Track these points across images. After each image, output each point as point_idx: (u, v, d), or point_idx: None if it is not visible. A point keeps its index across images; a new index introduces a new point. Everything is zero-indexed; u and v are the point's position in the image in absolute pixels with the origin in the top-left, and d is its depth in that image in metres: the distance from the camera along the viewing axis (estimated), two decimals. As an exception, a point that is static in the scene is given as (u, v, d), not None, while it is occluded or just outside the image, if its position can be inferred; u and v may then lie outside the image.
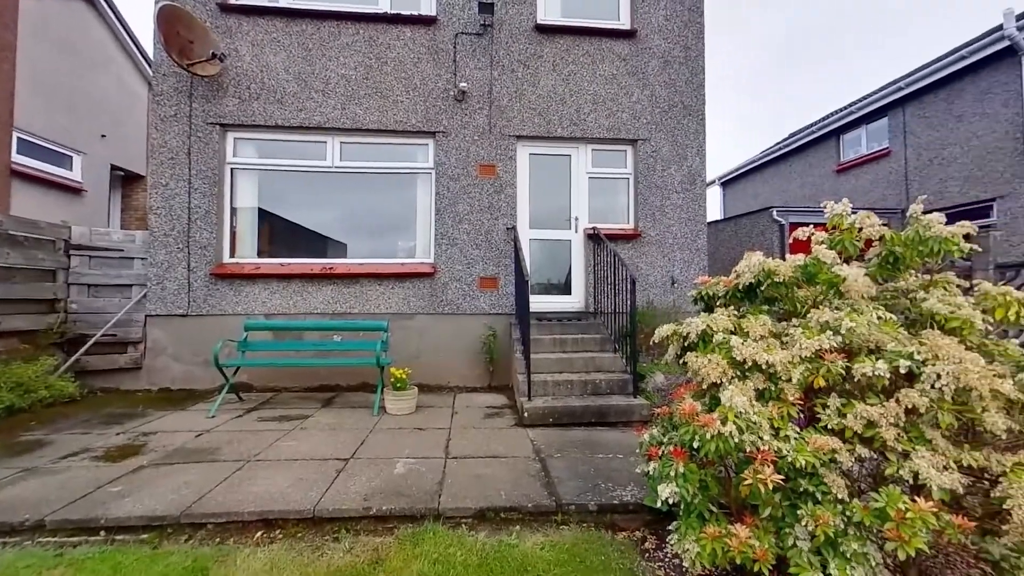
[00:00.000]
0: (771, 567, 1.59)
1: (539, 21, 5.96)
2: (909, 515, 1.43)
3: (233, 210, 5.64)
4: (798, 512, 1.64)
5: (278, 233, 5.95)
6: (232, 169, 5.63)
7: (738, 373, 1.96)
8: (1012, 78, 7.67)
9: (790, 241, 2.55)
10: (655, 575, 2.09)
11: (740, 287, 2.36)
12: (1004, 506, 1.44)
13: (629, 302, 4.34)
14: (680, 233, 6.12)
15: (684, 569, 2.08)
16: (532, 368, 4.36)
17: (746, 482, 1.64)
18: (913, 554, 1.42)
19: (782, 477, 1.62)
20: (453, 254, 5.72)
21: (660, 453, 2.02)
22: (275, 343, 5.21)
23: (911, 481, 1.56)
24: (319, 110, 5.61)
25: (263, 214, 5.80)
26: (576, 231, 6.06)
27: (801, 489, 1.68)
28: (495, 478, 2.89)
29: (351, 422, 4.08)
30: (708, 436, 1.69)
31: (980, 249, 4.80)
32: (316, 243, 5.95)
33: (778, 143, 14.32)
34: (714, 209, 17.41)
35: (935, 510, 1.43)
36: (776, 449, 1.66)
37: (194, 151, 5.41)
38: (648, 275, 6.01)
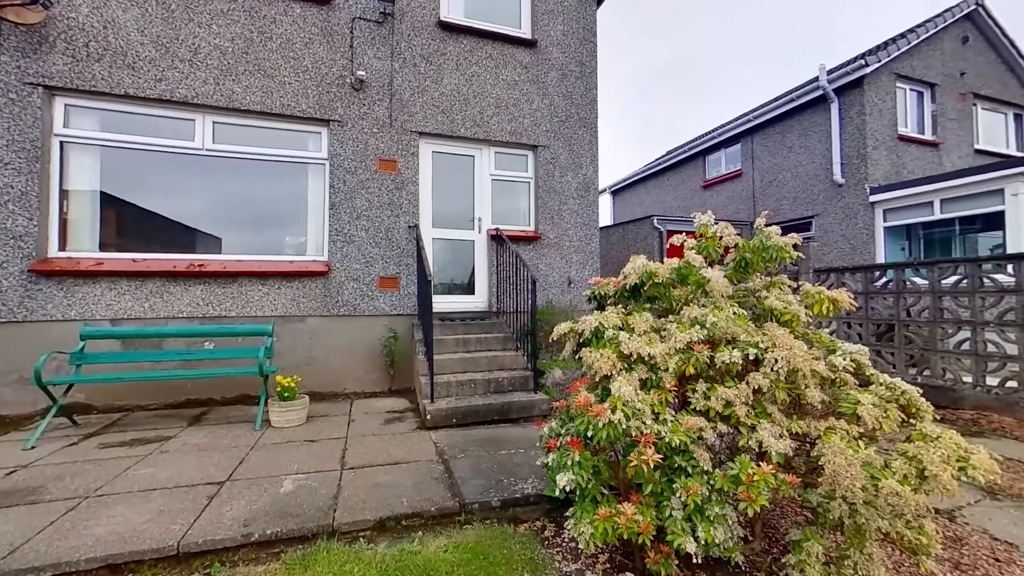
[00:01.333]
0: (652, 538, 1.78)
1: (442, 18, 5.89)
2: (756, 478, 1.70)
3: (64, 193, 4.61)
4: (674, 486, 1.86)
5: (130, 223, 5.02)
6: (63, 143, 4.60)
7: (626, 365, 2.15)
8: (824, 120, 9.60)
9: (667, 246, 2.88)
10: (554, 560, 2.20)
11: (627, 287, 2.60)
12: (819, 462, 1.80)
13: (530, 302, 4.51)
14: (576, 236, 6.52)
15: (579, 551, 2.22)
16: (435, 369, 4.29)
17: (632, 464, 1.81)
18: (759, 510, 1.70)
19: (661, 456, 1.82)
20: (350, 252, 5.38)
21: (558, 444, 2.14)
22: (125, 354, 4.36)
23: (757, 449, 1.87)
24: (185, 82, 4.85)
25: (109, 200, 4.83)
26: (480, 232, 6.12)
27: (676, 465, 1.90)
28: (396, 485, 2.79)
29: (228, 440, 3.61)
30: (600, 425, 1.83)
31: (804, 256, 5.94)
32: (182, 236, 5.14)
33: (658, 159, 16.09)
34: (605, 215, 18.91)
35: (774, 472, 1.72)
36: (656, 432, 1.86)
37: (4, 116, 4.31)
38: (547, 276, 6.30)
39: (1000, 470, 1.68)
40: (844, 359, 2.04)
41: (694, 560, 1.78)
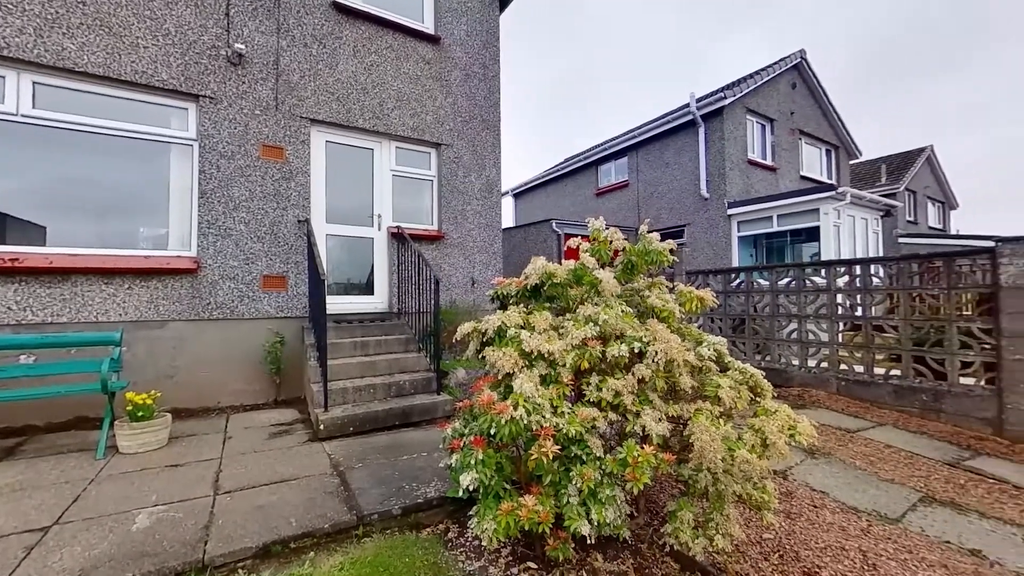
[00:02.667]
0: (551, 525, 1.87)
1: (338, -1, 5.51)
2: (640, 459, 1.89)
3: None
4: (571, 474, 1.97)
5: None
6: None
7: (527, 363, 2.23)
8: (694, 142, 11.01)
9: (565, 249, 3.05)
10: (457, 561, 2.19)
11: (528, 287, 2.70)
12: (690, 440, 2.06)
13: (433, 302, 4.43)
14: (480, 237, 6.58)
15: (483, 548, 2.25)
16: (330, 375, 4.00)
17: (533, 457, 1.89)
18: (642, 488, 1.88)
19: (559, 447, 1.92)
20: (226, 247, 4.75)
21: (462, 444, 2.14)
22: None
23: (641, 433, 2.07)
24: (-10, 29, 3.85)
25: None
26: (380, 229, 5.85)
27: (573, 454, 2.02)
28: (283, 505, 2.54)
29: (55, 475, 2.95)
30: (503, 422, 1.87)
31: (678, 260, 6.77)
32: (-16, 222, 4.06)
33: (556, 165, 16.97)
34: (508, 217, 19.43)
35: (654, 452, 1.93)
36: (555, 424, 1.96)
37: None
38: (451, 276, 6.26)
39: (817, 435, 2.10)
40: (709, 349, 2.36)
41: (588, 541, 1.91)
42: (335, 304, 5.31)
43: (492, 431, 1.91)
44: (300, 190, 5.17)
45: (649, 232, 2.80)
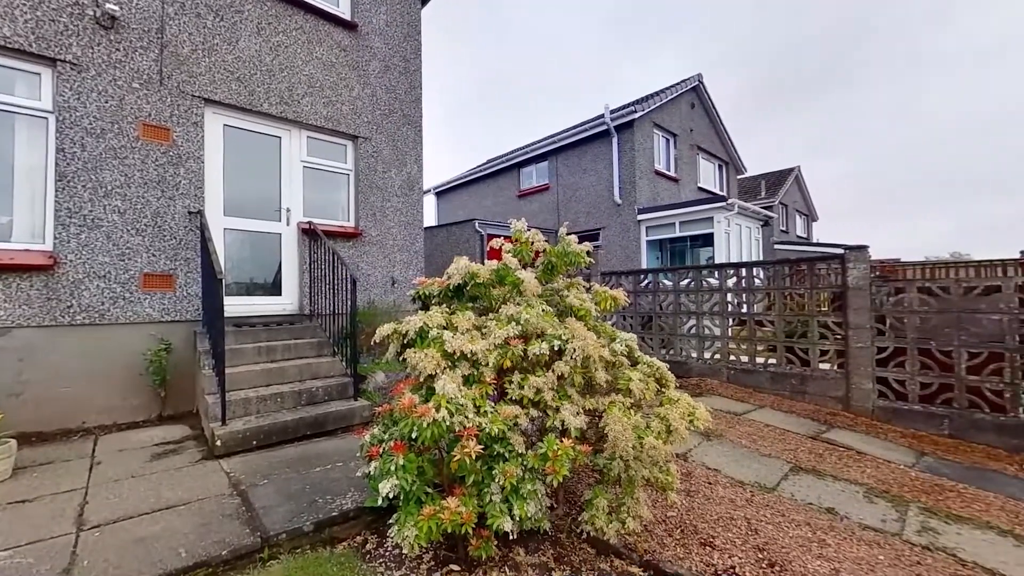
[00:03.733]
0: (474, 525, 1.87)
1: (238, -31, 4.98)
2: (559, 452, 1.97)
3: None
4: (493, 472, 1.99)
5: None
6: None
7: (450, 363, 2.21)
8: (608, 151, 11.72)
9: (488, 249, 3.07)
10: (376, 572, 2.10)
11: (451, 287, 2.67)
12: (605, 431, 2.19)
13: (350, 303, 4.20)
14: (400, 235, 6.38)
15: (403, 556, 2.18)
16: (229, 384, 3.60)
17: (456, 458, 1.87)
18: (561, 480, 1.96)
19: (482, 447, 1.93)
20: (94, 240, 4.06)
21: (381, 451, 2.05)
22: None
23: (560, 427, 2.16)
24: None
25: None
26: (288, 224, 5.40)
27: (495, 453, 2.05)
28: (171, 534, 2.24)
29: None
30: (425, 424, 1.83)
31: (594, 262, 7.16)
32: None
33: (480, 166, 17.03)
34: (430, 216, 19.05)
35: (573, 445, 2.02)
36: (478, 424, 1.97)
37: None
38: (370, 275, 5.99)
39: (711, 419, 2.35)
40: (621, 345, 2.53)
41: (511, 537, 1.94)
42: (236, 306, 4.80)
43: (414, 435, 1.86)
44: (191, 178, 4.59)
45: (568, 234, 2.92)
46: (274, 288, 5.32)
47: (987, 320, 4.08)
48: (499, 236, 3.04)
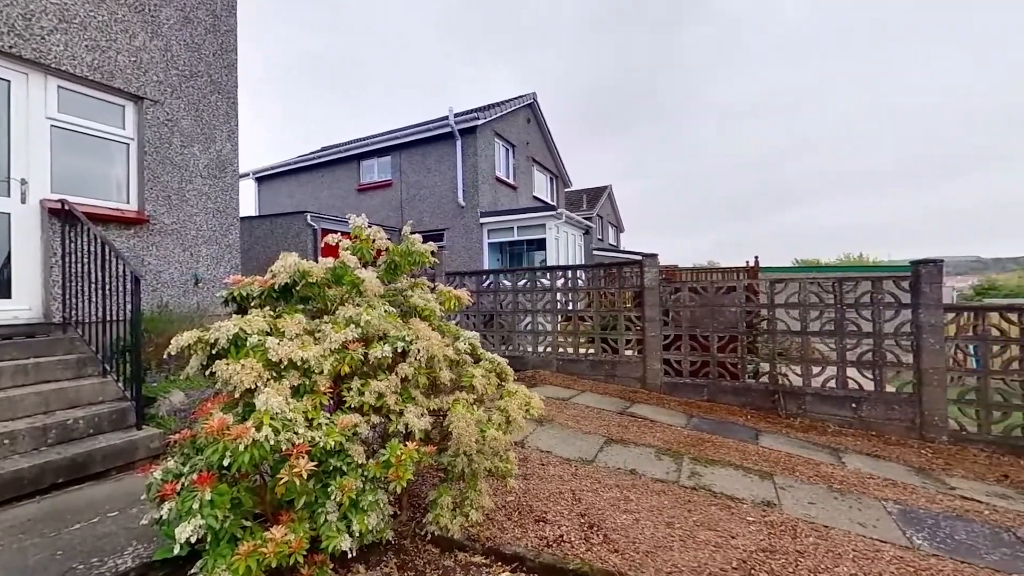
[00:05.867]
0: (306, 552, 1.68)
1: None
2: (403, 457, 1.91)
3: None
4: (329, 489, 1.82)
5: None
6: None
7: (275, 374, 1.94)
8: (452, 153, 11.92)
9: (322, 245, 2.80)
10: (172, 639, 1.71)
11: (276, 287, 2.35)
12: (449, 429, 2.22)
13: (131, 306, 3.32)
14: (207, 225, 5.32)
15: (212, 608, 1.82)
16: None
17: (283, 480, 1.65)
18: (405, 485, 1.91)
19: (315, 463, 1.75)
20: None
21: (180, 487, 1.68)
22: None
23: (404, 431, 2.10)
24: None
25: None
26: (24, 201, 3.99)
27: (331, 467, 1.88)
28: None
29: None
30: (242, 447, 1.57)
31: (439, 262, 7.19)
32: None
33: (313, 153, 15.39)
34: (249, 204, 16.38)
35: (417, 447, 1.99)
36: (310, 439, 1.77)
37: None
38: (161, 272, 4.84)
39: (544, 407, 2.60)
40: (465, 344, 2.60)
41: (350, 555, 1.81)
42: (-80, 314, 3.31)
43: (226, 462, 1.57)
44: None
45: (412, 233, 2.87)
46: (2, 289, 3.85)
47: (728, 312, 5.51)
48: (336, 232, 2.80)
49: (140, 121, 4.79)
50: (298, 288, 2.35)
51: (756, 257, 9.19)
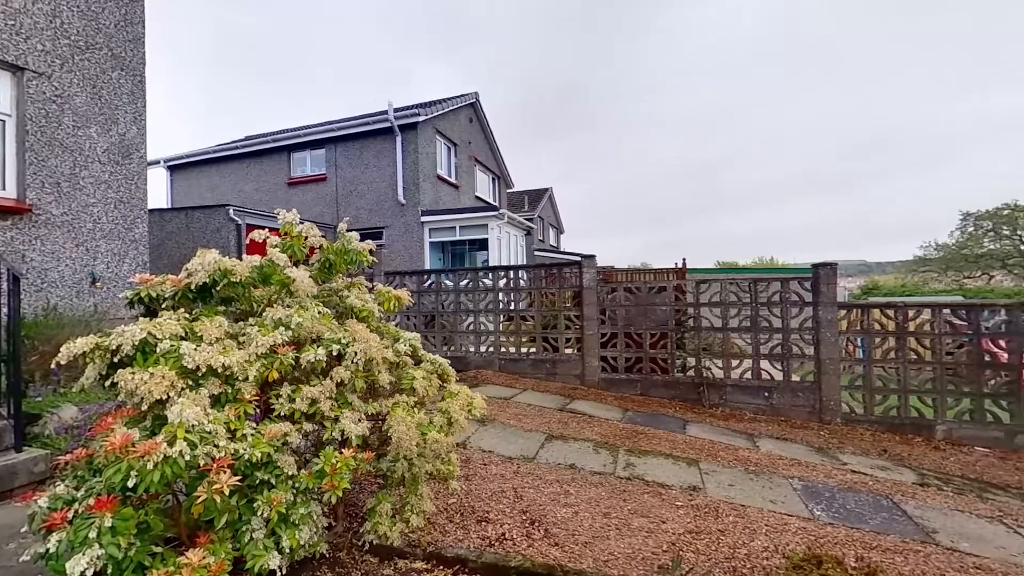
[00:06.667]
0: (229, 574, 1.55)
1: None
2: (339, 465, 1.83)
3: None
4: (255, 504, 1.69)
5: None
6: None
7: (191, 383, 1.76)
8: (392, 149, 11.56)
9: (247, 242, 2.60)
10: None
11: (193, 287, 2.14)
12: (389, 434, 2.15)
13: (7, 309, 2.86)
14: (107, 217, 4.73)
15: (114, 648, 1.62)
16: None
17: (200, 499, 1.51)
18: (341, 494, 1.83)
19: (239, 478, 1.62)
20: None
21: (73, 515, 1.48)
22: None
23: (340, 438, 2.01)
24: None
25: None
26: None
27: (258, 481, 1.74)
28: None
29: None
30: (151, 465, 1.41)
31: (377, 261, 6.94)
32: None
33: (238, 141, 14.21)
34: (160, 195, 14.77)
35: (354, 454, 1.91)
36: (234, 451, 1.64)
37: None
38: (48, 270, 4.23)
39: (487, 406, 2.60)
40: (405, 345, 2.54)
41: (279, 574, 1.69)
42: None
43: (132, 482, 1.41)
44: None
45: (349, 231, 2.75)
46: None
47: (660, 310, 5.86)
48: (264, 228, 2.61)
49: (20, 95, 4.15)
50: (219, 288, 2.16)
51: (684, 259, 9.84)
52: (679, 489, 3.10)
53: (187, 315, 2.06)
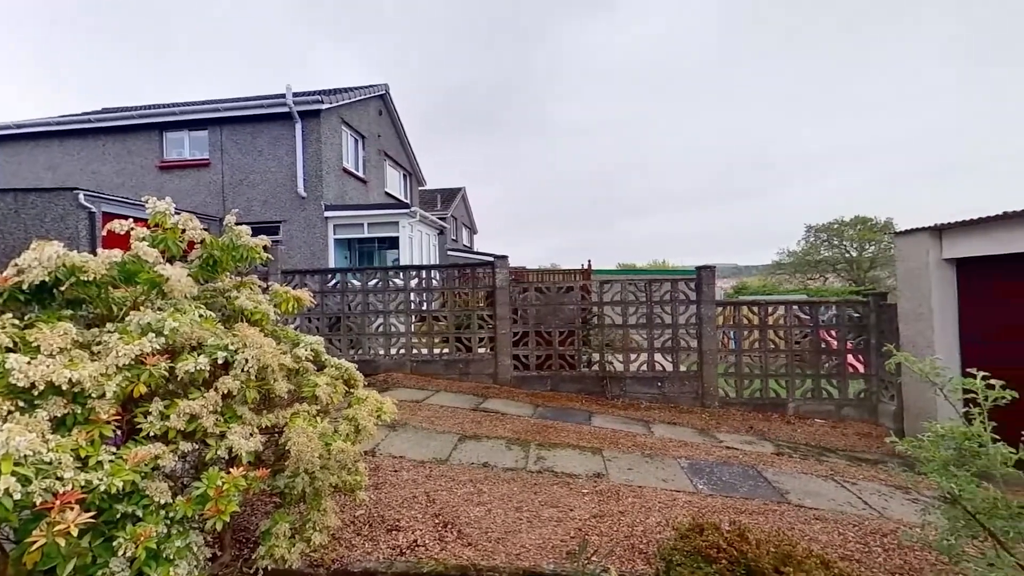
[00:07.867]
0: (77, 631, 1.30)
1: None
2: (226, 487, 1.62)
3: None
4: (115, 543, 1.44)
5: None
6: None
7: (22, 404, 1.44)
8: (291, 136, 10.61)
9: (104, 233, 2.20)
10: None
11: (26, 286, 1.75)
12: (287, 447, 1.97)
13: None
14: None
15: None
16: None
17: (37, 544, 1.24)
18: (228, 520, 1.63)
19: (93, 513, 1.36)
20: None
21: None
22: None
23: (227, 456, 1.79)
24: None
25: None
26: None
27: (119, 515, 1.48)
28: None
29: None
30: (-39, 511, 1.12)
31: (273, 258, 6.32)
32: None
33: (92, 112, 11.96)
34: (-25, 172, 11.80)
35: (244, 472, 1.71)
36: (85, 482, 1.37)
37: None
38: None
39: (397, 410, 2.51)
40: (306, 350, 2.34)
41: (147, 620, 1.46)
42: None
43: (-71, 535, 1.11)
44: None
45: (238, 224, 2.46)
46: None
47: (568, 309, 6.17)
48: (127, 217, 2.24)
49: None
50: (65, 288, 1.80)
51: (589, 260, 10.49)
52: (585, 477, 3.29)
53: (15, 321, 1.69)
